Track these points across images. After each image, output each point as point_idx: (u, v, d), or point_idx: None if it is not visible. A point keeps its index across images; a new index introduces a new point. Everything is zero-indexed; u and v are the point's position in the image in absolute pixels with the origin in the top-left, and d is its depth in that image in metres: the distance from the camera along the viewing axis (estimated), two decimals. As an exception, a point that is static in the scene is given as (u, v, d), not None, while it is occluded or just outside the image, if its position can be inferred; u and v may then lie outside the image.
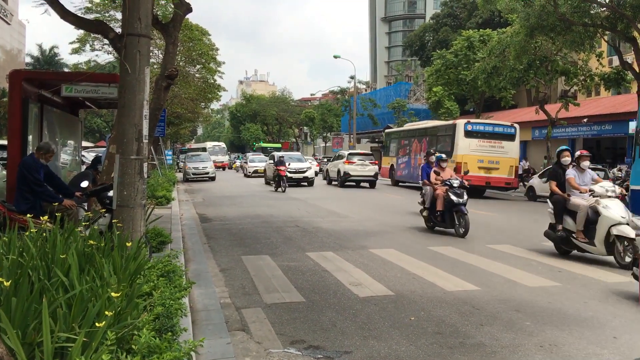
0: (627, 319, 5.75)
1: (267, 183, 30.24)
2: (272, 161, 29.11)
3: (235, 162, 56.39)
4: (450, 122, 27.07)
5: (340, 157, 30.53)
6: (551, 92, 38.26)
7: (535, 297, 6.66)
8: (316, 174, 35.46)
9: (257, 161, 41.29)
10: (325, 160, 47.53)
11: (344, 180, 28.43)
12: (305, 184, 29.01)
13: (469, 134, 23.29)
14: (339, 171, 29.08)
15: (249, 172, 40.07)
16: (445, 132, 25.16)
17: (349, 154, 29.71)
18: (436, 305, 6.29)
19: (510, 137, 23.88)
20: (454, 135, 23.73)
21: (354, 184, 29.37)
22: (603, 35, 24.70)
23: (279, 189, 24.32)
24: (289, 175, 26.47)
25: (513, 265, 8.56)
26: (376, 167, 29.03)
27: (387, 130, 36.44)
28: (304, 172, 28.62)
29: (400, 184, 30.80)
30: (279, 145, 76.87)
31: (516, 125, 24.47)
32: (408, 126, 33.00)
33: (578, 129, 32.16)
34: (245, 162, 43.61)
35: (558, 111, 28.14)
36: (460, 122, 24.33)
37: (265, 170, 33.11)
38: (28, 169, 7.24)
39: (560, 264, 8.65)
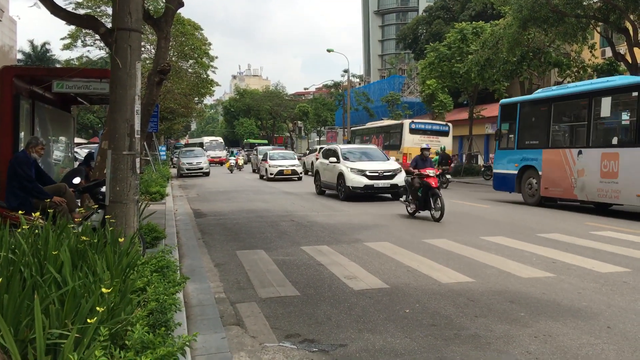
0: (620, 309, 5.77)
1: (320, 192, 20.91)
2: (332, 158, 19.64)
3: (229, 158, 44.30)
4: (399, 121, 32.89)
5: (331, 153, 20.61)
6: (544, 84, 38.28)
7: (530, 288, 6.67)
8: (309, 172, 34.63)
9: (282, 158, 31.22)
10: (308, 152, 43.32)
11: (351, 195, 18.14)
12: (389, 195, 18.72)
13: (412, 131, 29.65)
14: (340, 177, 18.70)
15: (271, 174, 29.22)
16: (396, 129, 31.37)
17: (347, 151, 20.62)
18: (431, 297, 6.29)
19: (445, 134, 30.41)
20: (401, 132, 30.10)
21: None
22: (595, 26, 24.73)
23: (433, 212, 12.93)
24: (370, 183, 17.88)
25: (507, 256, 8.58)
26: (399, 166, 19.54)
27: (352, 129, 43.25)
28: (390, 176, 18.15)
29: None
30: (265, 141, 76.98)
31: (450, 124, 31.42)
32: (369, 125, 39.27)
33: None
34: (263, 160, 31.80)
35: (551, 103, 28.14)
36: (406, 122, 30.83)
37: (317, 171, 21.64)
38: (19, 164, 7.21)
39: (555, 254, 8.68)
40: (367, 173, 18.00)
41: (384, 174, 18.08)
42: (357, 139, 37.92)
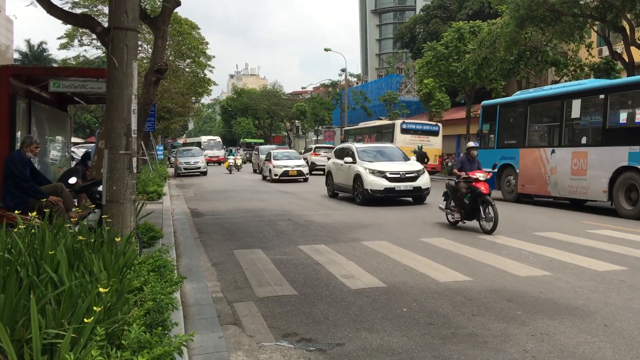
0: (617, 307, 5.78)
1: (333, 195, 19.16)
2: (347, 158, 17.73)
3: (228, 158, 41.28)
4: (391, 122, 34.15)
5: (346, 152, 18.62)
6: (541, 82, 38.31)
7: (527, 286, 6.68)
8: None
9: (287, 158, 29.03)
10: (303, 151, 43.56)
11: (370, 199, 16.38)
12: (410, 199, 17.11)
13: (404, 130, 30.88)
14: (357, 179, 16.77)
15: (276, 175, 27.39)
16: (388, 129, 32.50)
17: (361, 150, 18.30)
18: (428, 296, 6.30)
19: (435, 133, 31.77)
20: (393, 132, 31.15)
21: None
22: (592, 25, 24.77)
23: (483, 223, 11.04)
24: (391, 185, 16.12)
25: (504, 255, 8.59)
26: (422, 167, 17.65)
27: (345, 129, 43.96)
28: (413, 178, 16.42)
29: None
30: (262, 140, 76.94)
31: (439, 125, 32.77)
32: (362, 125, 40.57)
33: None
34: (267, 160, 29.55)
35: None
36: (398, 122, 32.09)
37: (328, 172, 19.75)
38: (15, 163, 7.19)
39: (552, 253, 8.69)
40: (388, 175, 16.22)
41: (406, 175, 16.37)
42: (350, 138, 38.80)
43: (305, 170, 28.07)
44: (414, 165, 17.44)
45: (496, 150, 17.96)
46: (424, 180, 16.46)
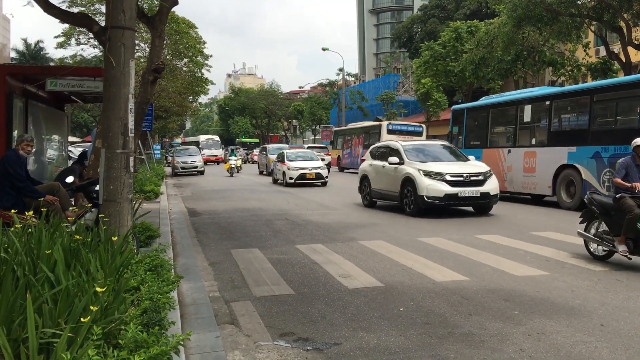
0: (614, 307, 5.80)
1: (370, 204, 15.87)
2: (392, 158, 14.43)
3: (229, 159, 34.28)
4: (378, 123, 34.96)
5: (389, 152, 15.29)
6: (539, 82, 38.37)
7: (524, 286, 6.69)
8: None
9: (302, 158, 25.66)
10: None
11: (425, 208, 13.40)
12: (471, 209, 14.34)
13: (390, 131, 31.63)
14: (408, 183, 13.83)
15: (291, 179, 24.10)
16: (375, 130, 33.40)
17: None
18: (425, 295, 6.30)
19: (419, 134, 32.56)
20: (380, 132, 31.89)
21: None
22: (590, 25, 24.82)
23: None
24: (452, 191, 13.02)
25: (501, 255, 8.60)
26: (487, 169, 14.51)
27: (334, 129, 45.14)
28: (479, 181, 13.38)
29: (345, 170, 37.33)
30: (257, 140, 76.92)
31: (423, 126, 34.36)
32: (350, 126, 40.94)
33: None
34: (279, 161, 26.22)
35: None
36: (384, 123, 33.30)
37: (364, 176, 16.24)
38: (10, 163, 7.17)
39: (548, 253, 8.70)
40: (448, 177, 13.07)
41: (471, 178, 13.23)
42: (339, 139, 40.02)
43: (325, 172, 24.59)
44: (478, 165, 14.23)
45: (463, 150, 18.56)
46: (492, 185, 13.51)
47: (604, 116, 14.48)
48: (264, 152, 35.30)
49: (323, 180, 24.42)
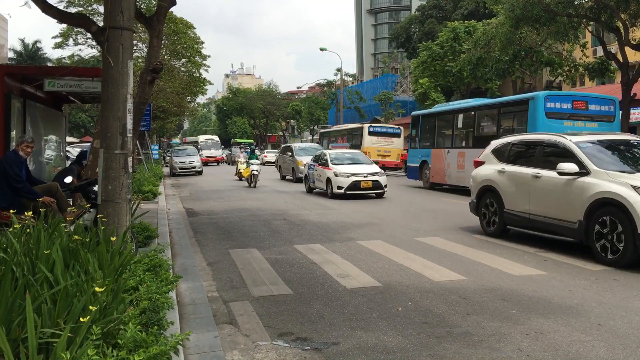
0: (611, 306, 5.82)
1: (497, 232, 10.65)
2: (567, 165, 8.67)
3: (250, 163, 24.64)
4: (360, 125, 36.58)
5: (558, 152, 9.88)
6: (536, 82, 38.47)
7: (521, 285, 6.71)
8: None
9: (351, 161, 19.72)
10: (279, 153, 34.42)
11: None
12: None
13: (371, 133, 33.31)
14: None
15: (340, 188, 18.08)
16: (357, 132, 34.99)
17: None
18: (423, 295, 6.32)
19: (397, 135, 34.35)
20: (362, 134, 33.52)
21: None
22: (587, 25, 24.84)
23: None
24: None
25: (499, 254, 8.62)
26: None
27: (321, 131, 46.56)
28: None
29: None
30: (251, 140, 77.11)
31: (401, 128, 35.39)
32: (335, 127, 43.14)
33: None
34: (321, 164, 19.84)
35: (543, 102, 28.27)
36: (366, 126, 34.83)
37: (489, 189, 10.82)
38: (9, 164, 7.17)
39: (546, 252, 8.72)
40: None
41: None
42: (324, 139, 41.79)
43: (384, 180, 18.49)
44: None
45: (418, 150, 23.38)
46: None
47: (507, 125, 18.03)
48: (289, 153, 28.12)
49: (381, 191, 18.41)
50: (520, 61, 27.37)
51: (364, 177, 18.17)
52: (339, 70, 58.29)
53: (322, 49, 49.18)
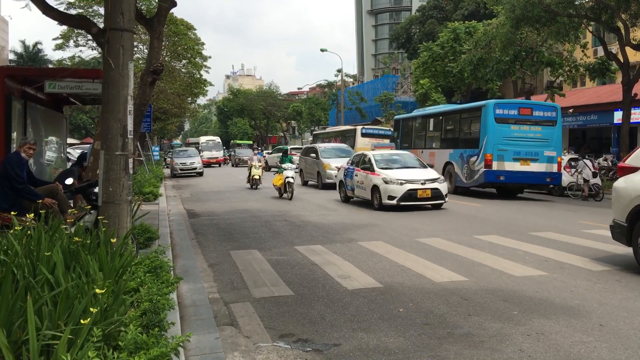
0: (613, 307, 5.81)
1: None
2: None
3: (282, 167, 19.33)
4: (353, 127, 37.80)
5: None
6: (537, 83, 38.45)
7: (523, 286, 6.70)
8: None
9: (400, 164, 16.55)
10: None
11: None
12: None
13: (363, 134, 34.02)
14: None
15: (392, 198, 14.85)
16: (350, 133, 36.05)
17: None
18: (424, 296, 6.31)
19: (389, 137, 34.72)
20: (354, 136, 34.28)
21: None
22: (588, 26, 24.85)
23: None
24: None
25: (500, 255, 8.61)
26: None
27: (314, 132, 48.80)
28: None
29: None
30: (250, 142, 77.28)
31: (392, 129, 35.56)
32: (329, 129, 44.03)
33: (564, 120, 32.19)
34: (366, 169, 16.23)
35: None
36: (358, 128, 35.80)
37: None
38: (11, 165, 7.17)
39: (547, 253, 8.71)
40: None
41: None
42: (318, 141, 42.52)
43: (444, 188, 15.35)
44: None
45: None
46: None
47: (466, 128, 20.61)
48: (313, 155, 24.22)
49: (440, 201, 15.17)
50: (520, 61, 27.31)
51: (422, 184, 14.80)
52: (339, 71, 58.35)
53: (322, 50, 49.20)
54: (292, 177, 18.44)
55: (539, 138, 18.43)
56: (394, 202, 14.70)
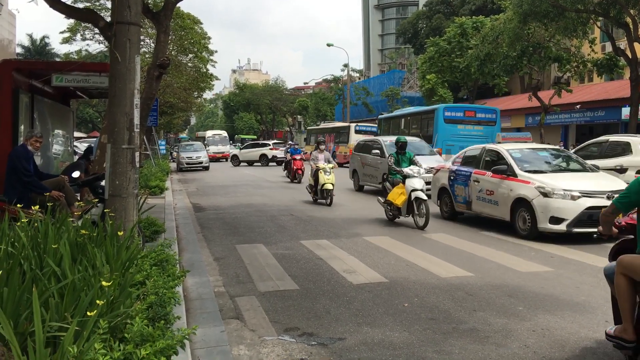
0: (618, 303, 5.79)
1: None
2: None
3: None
4: (347, 124, 39.70)
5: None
6: (544, 78, 38.27)
7: (528, 282, 6.69)
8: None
9: (555, 166, 10.89)
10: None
11: None
12: None
13: (357, 131, 36.28)
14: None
15: (559, 222, 9.18)
16: (344, 130, 38.05)
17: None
18: (430, 291, 6.31)
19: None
20: (348, 132, 36.60)
21: None
22: (596, 21, 24.67)
23: None
24: None
25: (506, 251, 8.60)
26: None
27: (308, 128, 50.17)
28: None
29: None
30: (254, 136, 77.45)
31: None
32: (323, 125, 46.23)
33: (571, 115, 32.20)
34: (497, 172, 10.57)
35: (551, 98, 28.14)
36: (352, 125, 38.05)
37: None
38: (19, 158, 7.21)
39: (553, 249, 8.69)
40: None
41: None
42: (312, 137, 43.95)
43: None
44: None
45: None
46: None
47: (425, 127, 23.71)
48: (376, 152, 16.95)
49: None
50: (528, 57, 27.16)
51: (607, 198, 9.06)
52: (345, 66, 58.15)
53: (329, 45, 49.20)
54: (422, 190, 11.14)
55: (481, 135, 21.78)
56: (562, 227, 9.29)
